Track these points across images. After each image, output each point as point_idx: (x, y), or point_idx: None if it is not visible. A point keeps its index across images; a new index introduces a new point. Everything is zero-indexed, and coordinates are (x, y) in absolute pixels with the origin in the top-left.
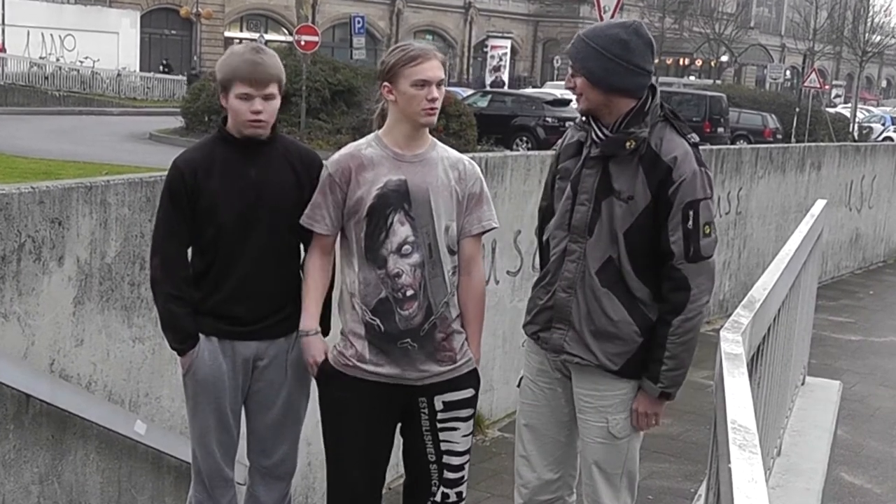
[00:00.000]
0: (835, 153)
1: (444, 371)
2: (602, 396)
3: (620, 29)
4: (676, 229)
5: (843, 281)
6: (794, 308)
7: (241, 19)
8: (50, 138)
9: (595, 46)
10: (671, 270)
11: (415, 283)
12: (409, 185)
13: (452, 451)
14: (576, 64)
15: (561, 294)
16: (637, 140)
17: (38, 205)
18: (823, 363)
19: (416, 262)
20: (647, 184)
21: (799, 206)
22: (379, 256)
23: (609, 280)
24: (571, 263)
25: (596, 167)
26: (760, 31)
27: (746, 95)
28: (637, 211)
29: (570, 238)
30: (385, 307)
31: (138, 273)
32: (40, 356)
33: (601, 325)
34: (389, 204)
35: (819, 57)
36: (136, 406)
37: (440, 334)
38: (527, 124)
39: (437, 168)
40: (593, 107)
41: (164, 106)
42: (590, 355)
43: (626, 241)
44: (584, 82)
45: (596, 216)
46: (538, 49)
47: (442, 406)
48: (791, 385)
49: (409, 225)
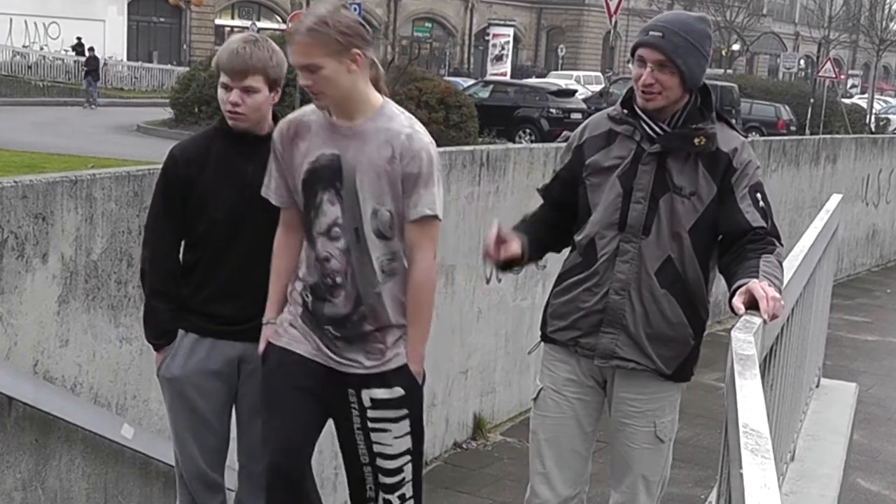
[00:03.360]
0: (851, 146)
1: (371, 365)
2: (650, 399)
3: (704, 23)
4: (751, 208)
5: (860, 279)
6: (808, 307)
7: (233, 6)
8: (33, 130)
9: (692, 42)
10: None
11: (342, 269)
12: (342, 161)
13: (385, 454)
14: (674, 58)
15: (614, 297)
16: (707, 136)
17: (20, 199)
18: (839, 364)
19: (342, 246)
20: (709, 178)
21: (813, 200)
22: (311, 237)
23: (668, 280)
24: (625, 264)
25: (652, 163)
26: (773, 19)
27: (759, 86)
28: (702, 206)
29: (623, 238)
30: (318, 290)
31: (125, 271)
32: (23, 357)
33: (659, 327)
34: (320, 181)
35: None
36: (124, 409)
37: (369, 326)
38: (530, 116)
39: (369, 143)
40: (668, 104)
41: (153, 96)
42: (645, 359)
43: (692, 238)
44: (673, 79)
45: (652, 214)
46: (542, 37)
47: (370, 403)
48: (805, 387)
49: (338, 205)
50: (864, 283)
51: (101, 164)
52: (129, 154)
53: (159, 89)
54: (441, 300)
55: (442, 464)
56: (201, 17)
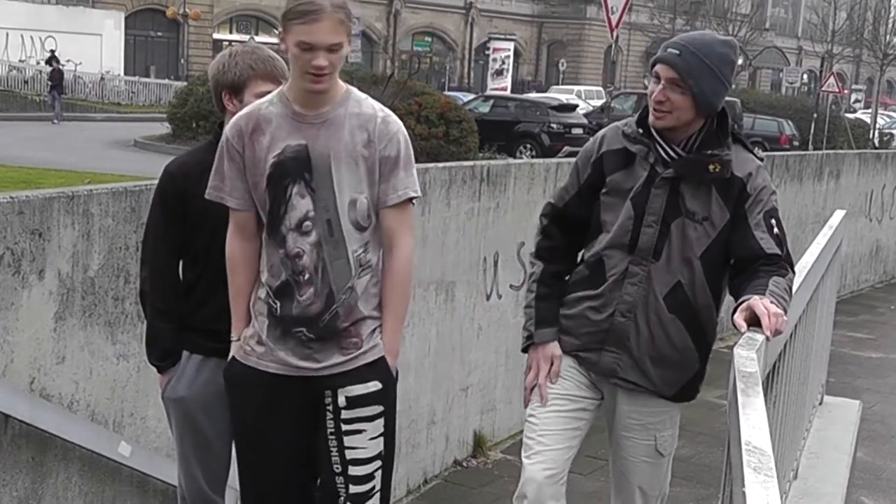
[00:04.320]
0: (854, 161)
1: (345, 360)
2: (651, 413)
3: (728, 48)
4: (765, 235)
5: (863, 295)
6: (811, 324)
7: (231, 20)
8: (30, 145)
9: (710, 64)
10: (767, 260)
11: (312, 264)
12: (310, 150)
13: (357, 460)
14: (687, 79)
15: (619, 318)
16: (722, 163)
17: (17, 215)
18: (842, 381)
19: (313, 240)
20: (722, 204)
21: (817, 216)
22: (279, 234)
23: (677, 305)
24: (633, 287)
25: (664, 187)
26: (776, 33)
27: (761, 100)
28: (714, 232)
29: (633, 260)
30: (286, 291)
31: (122, 287)
32: (20, 374)
33: (664, 351)
34: (288, 174)
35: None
36: (121, 427)
37: (344, 323)
38: (531, 131)
39: (342, 130)
40: (679, 125)
41: (150, 111)
42: (646, 381)
43: (704, 263)
44: (686, 100)
45: (664, 239)
46: (542, 52)
47: (345, 402)
48: (808, 405)
49: (309, 198)
50: (868, 300)
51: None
52: (127, 169)
53: (157, 104)
54: (441, 317)
55: (442, 482)
56: (199, 31)
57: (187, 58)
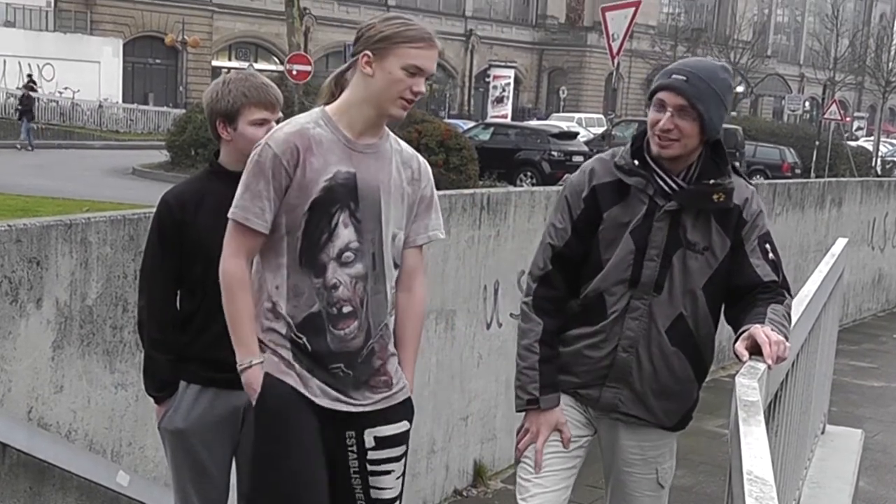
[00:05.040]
0: (856, 189)
1: (378, 399)
2: (653, 447)
3: (727, 74)
4: (761, 261)
5: (866, 324)
6: (813, 352)
7: (230, 48)
8: (28, 173)
9: (716, 90)
10: (764, 287)
11: (354, 297)
12: (359, 180)
13: (383, 500)
14: (696, 104)
15: (622, 354)
16: (727, 192)
17: (14, 244)
18: (844, 411)
19: (357, 272)
20: (722, 233)
21: (819, 244)
22: (318, 262)
23: (679, 338)
24: (634, 321)
25: (666, 220)
26: (778, 61)
27: (763, 128)
28: (716, 262)
29: (634, 295)
30: (315, 323)
31: (121, 316)
32: (17, 403)
33: (666, 384)
34: (337, 200)
35: (840, 87)
36: (119, 456)
37: (378, 360)
38: (531, 158)
39: (390, 164)
40: (685, 153)
41: (149, 139)
42: (648, 414)
43: (706, 294)
44: (694, 127)
45: (665, 272)
46: (543, 79)
47: (374, 443)
48: (810, 434)
49: (353, 228)
50: (870, 329)
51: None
52: (125, 197)
53: (155, 132)
54: (441, 346)
55: None
56: (198, 58)
57: (186, 85)
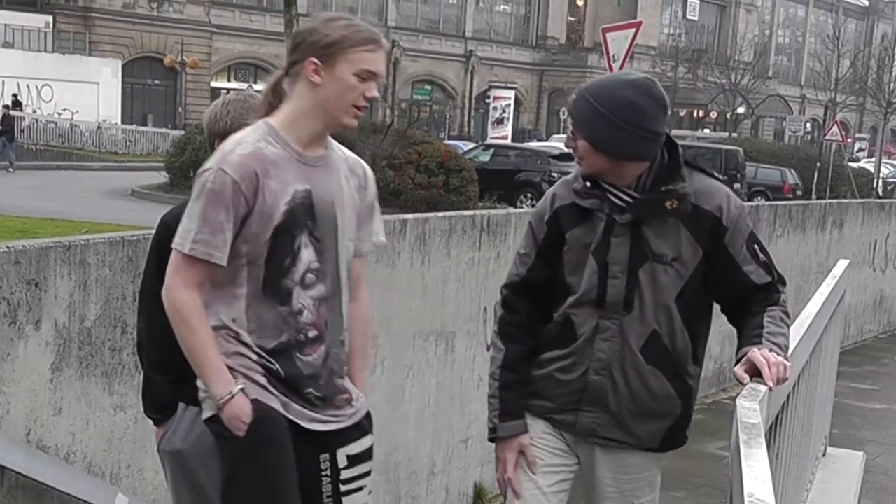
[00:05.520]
0: (858, 210)
1: (345, 416)
2: (629, 480)
3: (631, 90)
4: (753, 266)
5: (867, 346)
6: (814, 374)
7: (229, 68)
8: (26, 194)
9: (603, 110)
10: (761, 292)
11: (319, 321)
12: (314, 196)
13: None
14: (580, 126)
15: (594, 377)
16: (679, 198)
17: (13, 265)
18: (846, 433)
19: (319, 294)
20: (694, 241)
21: (820, 266)
22: (282, 289)
23: (654, 356)
24: (605, 343)
25: (625, 234)
26: (779, 82)
27: (764, 149)
28: (687, 272)
29: (603, 315)
30: (285, 351)
31: (120, 338)
32: (16, 425)
33: (644, 404)
34: (297, 222)
35: (841, 108)
36: (118, 478)
37: (338, 378)
38: (531, 180)
39: (339, 174)
40: (597, 171)
41: (148, 160)
42: (629, 437)
43: (680, 306)
44: (587, 147)
45: (633, 288)
46: (543, 100)
47: (346, 462)
48: (811, 456)
49: (312, 248)
50: (872, 351)
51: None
52: (124, 219)
53: (154, 153)
54: (441, 367)
55: None
56: (197, 79)
57: (185, 106)
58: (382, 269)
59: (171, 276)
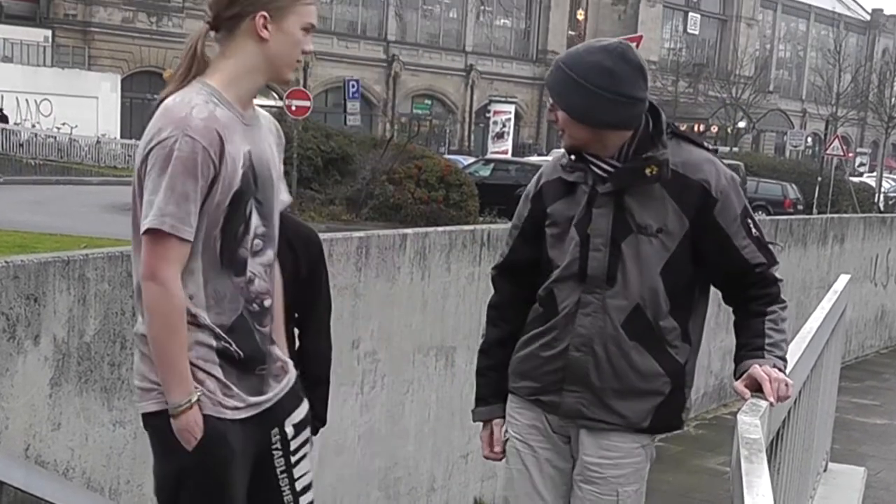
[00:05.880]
0: (859, 225)
1: (283, 386)
2: (615, 465)
3: (603, 54)
4: (746, 241)
5: (868, 361)
6: (815, 390)
7: None
8: (25, 209)
9: (575, 76)
10: (756, 277)
11: (270, 287)
12: (254, 157)
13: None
14: (555, 96)
15: (574, 353)
16: (658, 164)
17: (12, 280)
18: (847, 448)
19: (267, 260)
20: (680, 211)
21: (821, 281)
22: (237, 259)
23: (637, 331)
24: (587, 318)
25: (608, 205)
26: (780, 96)
27: (765, 164)
28: (673, 243)
29: (585, 289)
30: (243, 326)
31: (119, 353)
32: (15, 441)
33: (629, 382)
34: (248, 185)
35: (842, 123)
36: (117, 494)
37: (274, 346)
38: None
39: (266, 132)
40: (580, 143)
41: None
42: (616, 417)
43: (665, 279)
44: (565, 117)
45: (616, 261)
46: (544, 114)
47: (293, 431)
48: (813, 472)
49: (257, 212)
50: (873, 366)
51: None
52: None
53: None
54: (441, 382)
55: None
56: None
57: None
58: (382, 284)
59: (157, 262)
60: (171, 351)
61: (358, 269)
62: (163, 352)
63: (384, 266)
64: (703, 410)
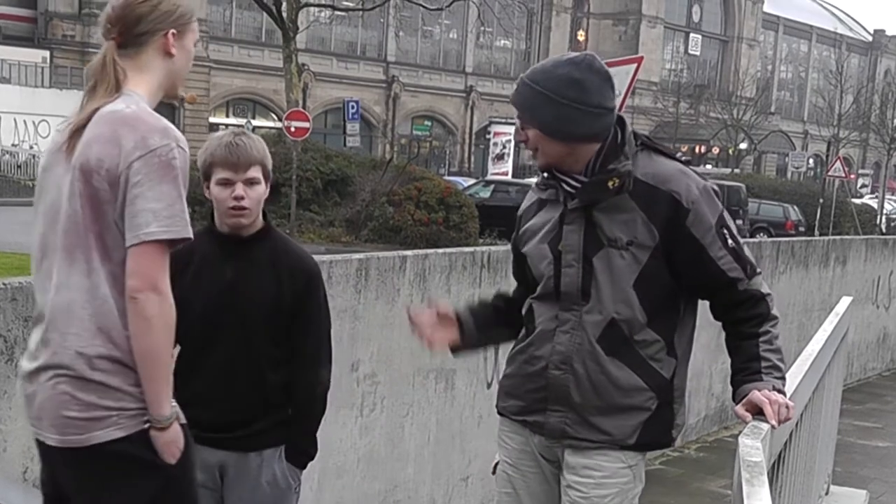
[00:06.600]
0: (861, 247)
1: None
2: (598, 484)
3: (571, 67)
4: (722, 252)
5: (870, 383)
6: (817, 412)
7: (227, 104)
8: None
9: (544, 91)
10: (739, 294)
11: None
12: None
13: None
14: (524, 114)
15: (554, 371)
16: (620, 176)
17: (10, 302)
18: (848, 471)
19: None
20: (649, 222)
21: (823, 303)
22: None
23: (614, 346)
24: (564, 335)
25: (578, 220)
26: (782, 117)
27: (767, 185)
28: (645, 255)
29: (562, 306)
30: None
31: None
32: (13, 463)
33: (610, 398)
34: None
35: (844, 144)
36: None
37: None
38: None
39: None
40: (554, 160)
41: None
42: (600, 434)
43: (638, 292)
44: (537, 135)
45: (588, 277)
46: None
47: None
48: (814, 495)
49: None
50: (875, 388)
51: None
52: None
53: None
54: (441, 405)
55: None
56: (195, 114)
57: None
58: (382, 306)
59: (157, 272)
60: (167, 362)
61: (357, 291)
62: (161, 364)
63: (384, 288)
64: (705, 433)
